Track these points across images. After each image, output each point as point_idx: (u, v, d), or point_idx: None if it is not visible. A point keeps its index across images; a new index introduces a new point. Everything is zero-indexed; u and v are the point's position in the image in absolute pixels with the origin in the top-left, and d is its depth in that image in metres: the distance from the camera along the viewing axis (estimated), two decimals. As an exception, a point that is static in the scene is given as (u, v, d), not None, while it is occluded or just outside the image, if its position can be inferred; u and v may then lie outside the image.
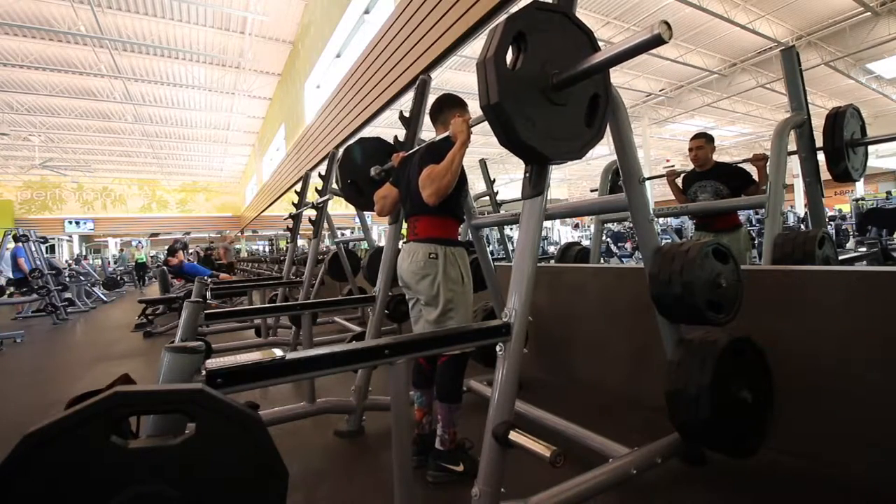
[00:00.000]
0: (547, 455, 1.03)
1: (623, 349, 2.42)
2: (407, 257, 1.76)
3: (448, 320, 1.66)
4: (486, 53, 1.14)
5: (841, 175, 2.48)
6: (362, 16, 6.73)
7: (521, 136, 1.16)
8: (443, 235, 1.73)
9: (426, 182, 1.60)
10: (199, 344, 0.97)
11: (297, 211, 4.33)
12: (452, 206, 1.75)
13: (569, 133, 1.28)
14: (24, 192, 19.59)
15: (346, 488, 1.66)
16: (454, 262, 1.70)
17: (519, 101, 1.16)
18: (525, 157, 1.26)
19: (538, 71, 1.20)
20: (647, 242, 1.56)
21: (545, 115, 1.22)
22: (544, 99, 1.22)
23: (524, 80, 1.18)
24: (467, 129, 1.58)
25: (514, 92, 1.15)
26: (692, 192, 3.04)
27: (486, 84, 1.14)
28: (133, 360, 4.04)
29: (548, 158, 1.26)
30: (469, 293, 1.75)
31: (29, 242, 7.09)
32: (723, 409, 1.38)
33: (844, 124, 2.44)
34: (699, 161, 3.00)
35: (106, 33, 8.78)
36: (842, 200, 15.38)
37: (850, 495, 1.45)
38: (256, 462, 0.79)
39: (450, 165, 1.56)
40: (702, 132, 3.08)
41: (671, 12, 8.69)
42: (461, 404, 1.69)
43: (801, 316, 1.72)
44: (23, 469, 0.65)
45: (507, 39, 1.14)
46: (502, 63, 1.14)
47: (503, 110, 1.13)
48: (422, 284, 1.69)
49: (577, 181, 23.80)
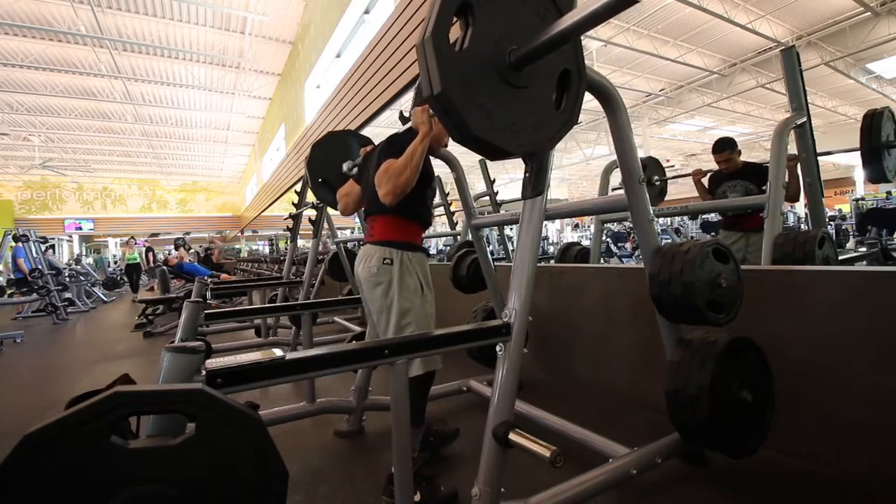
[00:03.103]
0: (547, 455, 1.03)
1: (623, 349, 2.42)
2: (360, 261, 1.62)
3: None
4: (424, 33, 0.93)
5: (877, 176, 2.46)
6: (362, 16, 6.73)
7: (473, 129, 0.97)
8: (400, 238, 1.58)
9: (382, 178, 1.43)
10: (199, 344, 0.97)
11: (297, 211, 4.33)
12: (414, 207, 1.58)
13: (534, 120, 1.09)
14: (24, 192, 19.57)
15: (346, 488, 1.66)
16: (411, 269, 1.56)
17: (469, 88, 0.97)
18: (481, 152, 1.07)
19: (491, 48, 1.01)
20: (647, 242, 1.56)
21: (503, 102, 1.03)
22: (501, 81, 1.02)
23: (474, 61, 0.98)
24: (429, 120, 1.44)
25: (461, 77, 0.96)
26: (721, 191, 3.02)
27: (426, 70, 0.93)
28: (133, 360, 4.04)
29: (507, 153, 1.07)
30: (429, 304, 1.60)
31: (29, 242, 7.09)
32: (723, 409, 1.38)
33: (882, 125, 2.41)
34: (730, 170, 2.98)
35: (106, 33, 8.77)
36: (842, 200, 15.39)
37: (850, 495, 1.45)
38: (256, 462, 0.79)
39: (409, 160, 1.40)
40: (722, 141, 3.01)
41: (671, 12, 8.70)
42: (423, 428, 1.62)
43: (801, 316, 1.72)
44: (23, 469, 0.65)
45: (449, 13, 0.94)
46: (444, 43, 0.93)
47: (448, 101, 0.93)
48: (374, 293, 1.56)
49: (577, 181, 23.79)
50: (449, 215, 5.95)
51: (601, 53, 10.11)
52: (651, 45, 9.71)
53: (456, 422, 2.23)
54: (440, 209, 6.16)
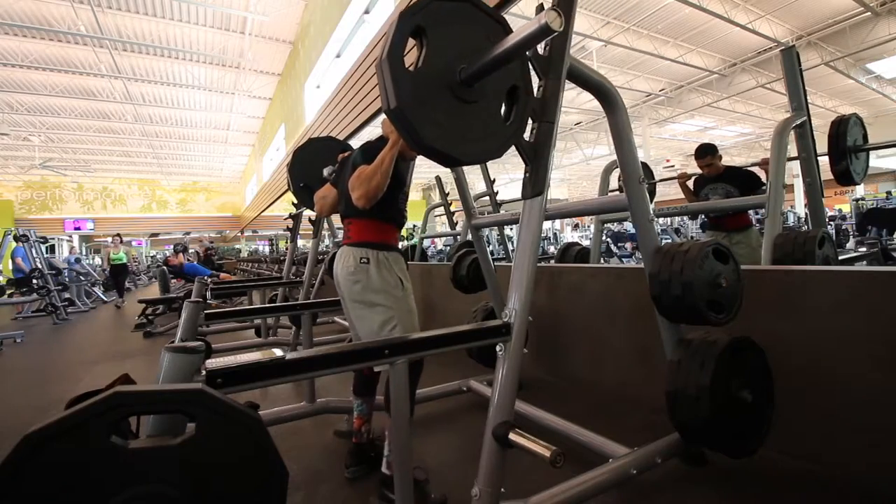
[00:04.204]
0: (547, 455, 1.03)
1: (623, 349, 2.42)
2: (338, 262, 1.68)
3: (390, 332, 1.56)
4: (382, 54, 1.05)
5: (845, 179, 2.61)
6: (362, 16, 6.72)
7: (426, 139, 1.09)
8: (376, 240, 1.65)
9: (355, 183, 1.52)
10: (199, 344, 0.97)
11: (297, 211, 4.33)
12: (387, 209, 1.65)
13: (483, 132, 1.21)
14: (24, 192, 19.58)
15: (346, 488, 1.66)
16: (389, 266, 1.63)
17: (422, 104, 1.09)
18: (435, 160, 1.17)
19: (444, 67, 1.13)
20: (647, 242, 1.56)
21: (454, 115, 1.15)
22: (453, 97, 1.14)
23: (427, 80, 1.10)
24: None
25: (416, 94, 1.07)
26: (704, 193, 3.16)
27: (384, 88, 1.05)
28: (133, 360, 4.04)
29: (460, 161, 1.19)
30: (409, 299, 1.66)
31: (29, 242, 7.09)
32: (723, 409, 1.38)
33: (848, 130, 2.55)
34: (712, 174, 3.12)
35: (106, 33, 8.77)
36: (842, 200, 15.38)
37: (850, 495, 1.45)
38: (256, 462, 0.79)
39: (379, 166, 1.49)
40: (703, 147, 3.14)
41: (671, 12, 8.69)
42: (412, 419, 1.61)
43: (801, 316, 1.72)
44: (23, 469, 0.65)
45: (403, 37, 1.06)
46: (399, 64, 1.05)
47: (403, 115, 1.06)
48: (353, 289, 1.61)
49: (577, 181, 23.79)
50: (449, 215, 5.95)
51: (601, 53, 10.10)
52: (651, 45, 9.71)
53: (456, 422, 2.23)
54: (440, 209, 6.17)
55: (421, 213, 7.43)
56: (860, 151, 2.65)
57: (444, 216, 5.95)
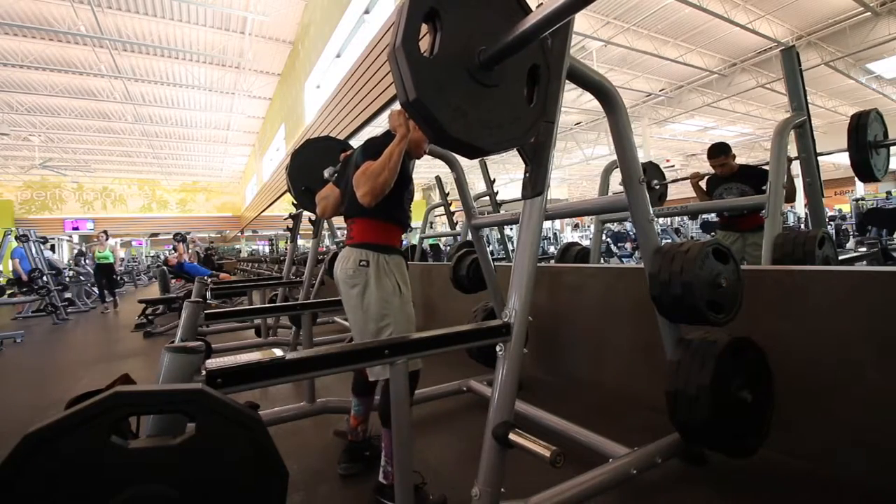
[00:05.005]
0: (547, 455, 1.03)
1: (623, 349, 2.42)
2: (339, 263, 1.62)
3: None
4: (395, 42, 0.95)
5: (866, 175, 2.51)
6: (362, 16, 6.72)
7: (449, 131, 1.00)
8: (378, 241, 1.59)
9: (360, 180, 1.45)
10: (199, 344, 0.97)
11: (297, 211, 4.32)
12: (391, 209, 1.59)
13: (508, 117, 1.12)
14: (24, 192, 19.57)
15: (346, 488, 1.66)
16: (388, 271, 1.57)
17: (442, 92, 1.00)
18: (460, 152, 1.10)
19: (461, 51, 1.04)
20: (647, 242, 1.56)
21: (476, 101, 1.06)
22: (473, 82, 1.06)
23: (445, 65, 1.01)
24: (406, 123, 1.45)
25: (434, 82, 0.99)
26: (717, 193, 3.09)
27: (400, 78, 0.96)
28: (133, 360, 4.04)
29: (486, 151, 1.10)
30: (407, 307, 1.61)
31: (29, 242, 7.09)
32: (723, 409, 1.38)
33: (869, 124, 2.46)
34: (726, 173, 3.05)
35: (106, 33, 8.77)
36: (842, 200, 15.38)
37: (850, 495, 1.45)
38: (256, 462, 0.79)
39: (387, 161, 1.43)
40: (717, 147, 3.07)
41: (671, 12, 8.69)
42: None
43: (801, 316, 1.72)
44: (23, 469, 0.65)
45: (416, 21, 0.97)
46: (414, 50, 0.96)
47: (424, 106, 0.97)
48: (350, 293, 1.56)
49: (577, 181, 23.79)
50: (449, 215, 5.95)
51: (601, 53, 10.09)
52: (651, 45, 9.71)
53: (456, 422, 2.23)
54: (440, 209, 6.17)
55: (421, 213, 7.43)
56: (881, 147, 2.56)
57: (444, 216, 5.95)
